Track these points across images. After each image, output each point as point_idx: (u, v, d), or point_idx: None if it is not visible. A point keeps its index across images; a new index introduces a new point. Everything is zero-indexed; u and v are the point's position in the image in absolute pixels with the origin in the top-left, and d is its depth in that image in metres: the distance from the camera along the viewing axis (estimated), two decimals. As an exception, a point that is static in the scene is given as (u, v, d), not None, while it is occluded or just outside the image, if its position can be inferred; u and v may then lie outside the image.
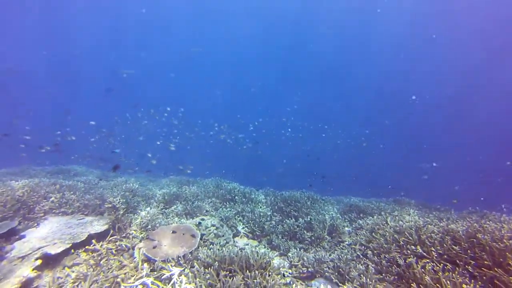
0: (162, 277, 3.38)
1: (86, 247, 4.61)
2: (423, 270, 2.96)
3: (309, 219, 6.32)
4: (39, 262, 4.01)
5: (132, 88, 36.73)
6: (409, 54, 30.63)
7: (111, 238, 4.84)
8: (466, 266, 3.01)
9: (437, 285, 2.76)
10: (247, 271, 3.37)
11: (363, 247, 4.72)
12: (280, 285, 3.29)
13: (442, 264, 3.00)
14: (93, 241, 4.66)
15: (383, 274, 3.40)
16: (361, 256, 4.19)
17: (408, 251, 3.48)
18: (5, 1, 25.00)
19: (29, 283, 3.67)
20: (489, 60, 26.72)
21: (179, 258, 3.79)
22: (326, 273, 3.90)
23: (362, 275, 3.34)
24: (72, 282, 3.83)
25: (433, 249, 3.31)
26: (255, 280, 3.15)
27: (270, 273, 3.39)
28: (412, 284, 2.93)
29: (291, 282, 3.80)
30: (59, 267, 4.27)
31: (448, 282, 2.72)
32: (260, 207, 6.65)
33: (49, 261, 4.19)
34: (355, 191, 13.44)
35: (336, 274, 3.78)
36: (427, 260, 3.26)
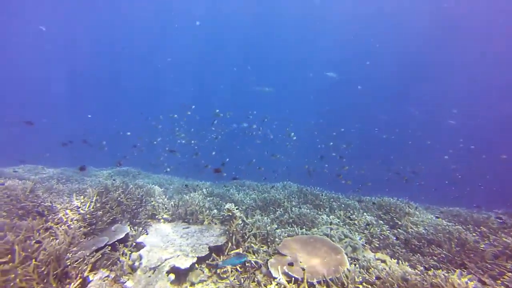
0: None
1: (207, 261, 4.11)
2: None
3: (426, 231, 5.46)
4: (172, 276, 3.56)
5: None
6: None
7: (230, 252, 4.30)
8: None
9: None
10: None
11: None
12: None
13: None
14: (213, 255, 4.16)
15: None
16: None
17: None
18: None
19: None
20: None
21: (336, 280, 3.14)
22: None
23: None
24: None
25: None
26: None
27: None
28: None
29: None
30: (185, 283, 3.80)
31: None
32: (365, 215, 5.89)
33: (176, 276, 3.73)
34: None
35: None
36: None
